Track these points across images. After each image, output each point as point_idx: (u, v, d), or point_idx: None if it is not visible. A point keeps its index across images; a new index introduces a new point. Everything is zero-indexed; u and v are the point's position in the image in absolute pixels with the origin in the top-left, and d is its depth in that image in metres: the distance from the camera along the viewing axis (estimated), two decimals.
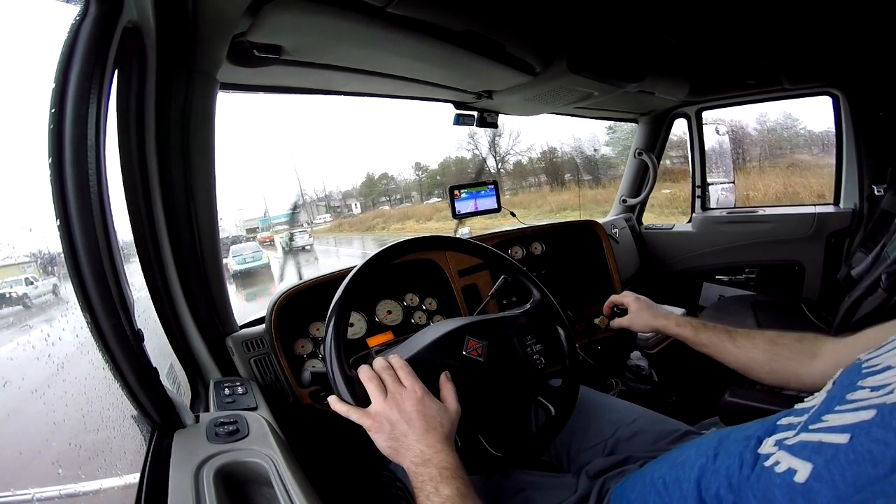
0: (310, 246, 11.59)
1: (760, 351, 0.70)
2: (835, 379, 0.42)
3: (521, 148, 14.21)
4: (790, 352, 0.67)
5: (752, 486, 0.37)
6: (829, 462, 0.32)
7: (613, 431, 0.77)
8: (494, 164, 13.83)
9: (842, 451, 0.32)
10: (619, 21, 1.13)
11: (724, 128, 2.13)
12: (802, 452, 0.35)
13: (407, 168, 19.78)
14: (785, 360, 0.68)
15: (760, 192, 5.47)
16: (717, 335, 0.76)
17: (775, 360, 0.69)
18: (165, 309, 0.88)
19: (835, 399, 0.37)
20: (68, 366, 0.66)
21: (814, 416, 0.38)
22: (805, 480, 0.32)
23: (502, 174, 13.51)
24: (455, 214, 1.43)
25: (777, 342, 0.69)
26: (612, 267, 1.53)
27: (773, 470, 0.36)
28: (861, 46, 1.43)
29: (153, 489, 0.52)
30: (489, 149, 12.77)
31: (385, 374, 0.62)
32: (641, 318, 0.87)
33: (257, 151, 33.11)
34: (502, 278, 0.92)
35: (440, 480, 0.51)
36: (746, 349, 0.72)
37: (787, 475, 0.34)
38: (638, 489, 0.53)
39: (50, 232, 0.51)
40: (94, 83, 0.52)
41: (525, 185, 13.88)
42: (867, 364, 0.38)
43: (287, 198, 22.25)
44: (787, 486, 0.33)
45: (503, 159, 14.23)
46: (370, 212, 18.15)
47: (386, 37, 0.89)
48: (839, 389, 0.38)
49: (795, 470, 0.34)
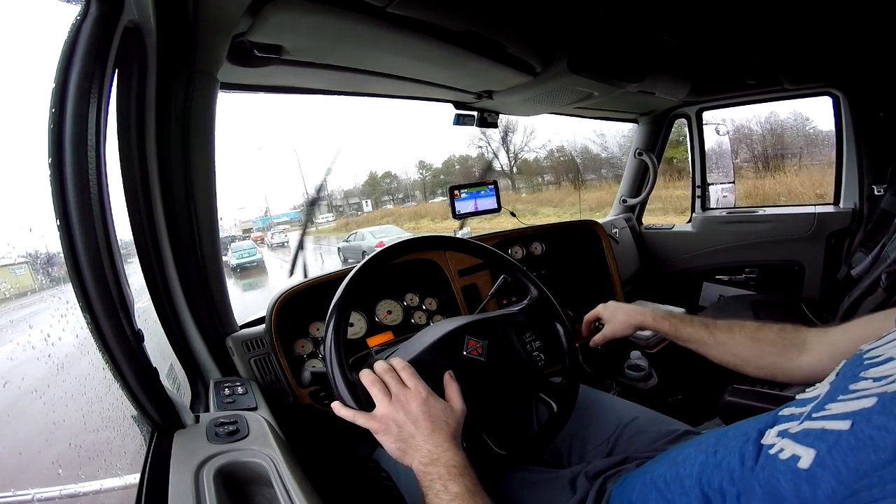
0: (286, 242, 15.40)
1: (742, 347, 0.69)
2: (838, 370, 0.42)
3: (536, 144, 14.10)
4: (773, 346, 0.67)
5: (757, 476, 0.37)
6: (831, 448, 0.32)
7: (613, 430, 0.77)
8: (507, 161, 13.73)
9: (843, 438, 0.32)
10: (620, 21, 1.13)
11: (725, 128, 2.13)
12: (806, 439, 0.35)
13: (410, 167, 19.75)
14: (769, 355, 0.67)
15: (808, 187, 5.79)
16: (696, 330, 0.74)
17: (759, 356, 0.68)
18: (165, 309, 0.88)
19: (838, 389, 0.37)
20: (68, 365, 0.66)
21: (817, 405, 0.38)
22: (808, 466, 0.32)
23: (514, 171, 13.41)
24: (455, 214, 1.43)
25: (758, 337, 0.68)
26: (612, 267, 1.53)
27: (777, 457, 0.36)
28: (861, 47, 1.43)
29: (153, 489, 0.52)
30: (501, 144, 12.69)
31: (387, 377, 0.62)
32: (617, 321, 0.84)
33: (258, 149, 33.11)
34: (502, 278, 0.92)
35: (449, 478, 0.51)
36: (728, 346, 0.71)
37: (790, 462, 0.34)
38: (638, 488, 0.53)
39: (49, 232, 0.51)
40: (95, 83, 0.52)
41: (543, 182, 13.72)
42: (868, 355, 0.38)
43: (287, 197, 22.38)
44: (792, 472, 0.33)
45: (517, 156, 14.16)
46: (377, 210, 18.11)
47: (386, 37, 0.89)
48: (842, 380, 0.39)
49: (799, 456, 0.34)
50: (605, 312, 0.87)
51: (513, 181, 15.42)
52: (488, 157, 14.25)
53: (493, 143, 13.11)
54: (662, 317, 0.80)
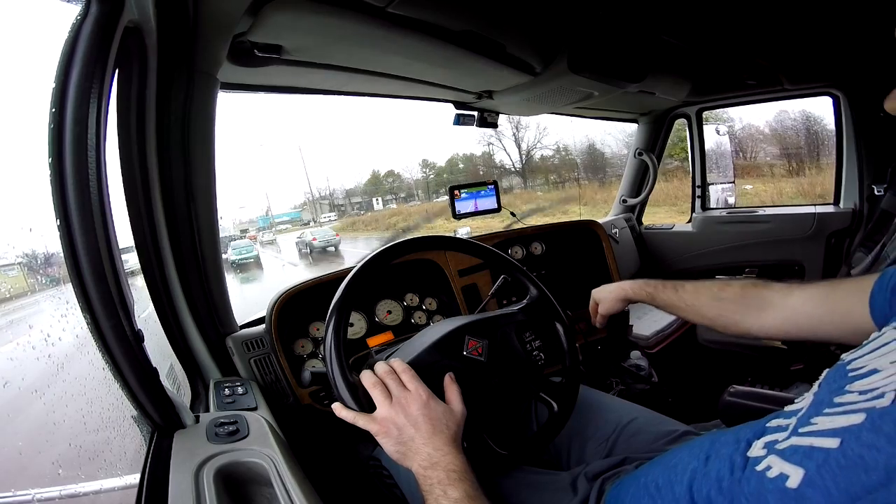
0: (274, 240, 18.08)
1: (707, 307, 0.72)
2: (820, 381, 0.41)
3: (549, 141, 13.96)
4: (735, 305, 0.69)
5: (743, 489, 0.37)
6: (820, 467, 0.31)
7: (612, 430, 0.77)
8: (519, 158, 13.58)
9: (832, 456, 0.31)
10: (620, 21, 1.13)
11: (724, 128, 2.13)
12: (794, 457, 0.34)
13: (414, 165, 19.69)
14: (731, 314, 0.69)
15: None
16: (668, 295, 0.77)
17: (723, 314, 0.70)
18: (165, 309, 0.88)
19: (822, 402, 0.37)
20: (68, 365, 0.66)
21: (802, 419, 0.37)
22: (797, 486, 0.32)
23: (526, 169, 13.26)
24: (455, 215, 1.43)
25: (721, 297, 0.71)
26: (612, 267, 1.53)
27: (764, 475, 0.35)
28: (861, 47, 1.43)
29: (153, 490, 0.52)
30: (513, 140, 12.57)
31: (388, 379, 0.62)
32: (608, 300, 0.88)
33: (260, 145, 33.02)
34: (502, 278, 0.92)
35: (448, 483, 0.51)
36: (695, 307, 0.74)
37: (778, 480, 0.34)
38: (631, 492, 0.53)
39: (48, 232, 0.51)
40: (95, 83, 0.52)
41: (559, 179, 13.56)
42: (852, 366, 0.38)
43: (289, 195, 22.99)
44: (780, 491, 0.33)
45: (529, 154, 14.06)
46: (385, 209, 18.05)
47: (386, 37, 0.89)
48: (825, 392, 0.38)
49: (787, 475, 0.33)
50: (597, 295, 0.92)
51: (525, 178, 15.28)
52: (495, 155, 14.21)
53: (505, 140, 13.05)
54: (640, 287, 0.82)
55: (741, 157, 8.65)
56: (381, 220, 16.96)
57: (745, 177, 7.27)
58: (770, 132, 8.72)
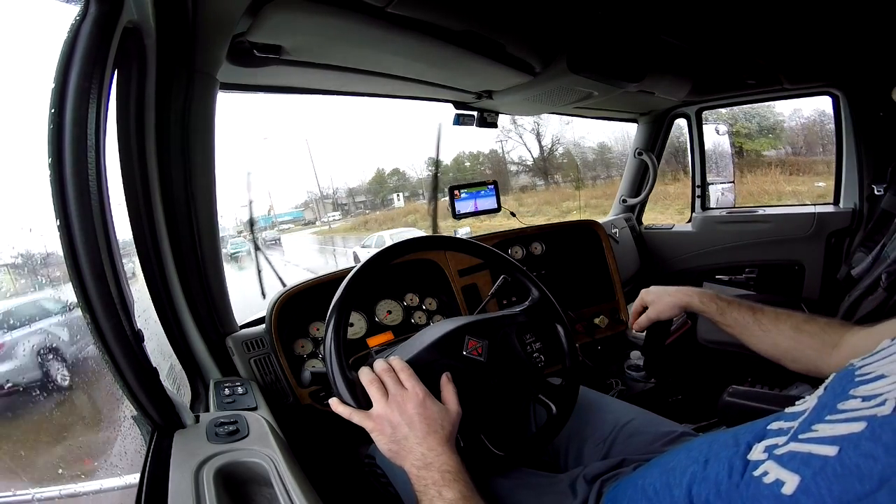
0: (278, 239, 18.03)
1: (785, 337, 0.67)
2: (826, 384, 0.41)
3: (570, 137, 13.61)
4: (813, 341, 0.65)
5: (742, 493, 0.37)
6: (816, 475, 0.31)
7: (610, 431, 0.77)
8: (540, 153, 13.24)
9: (829, 464, 0.31)
10: (619, 21, 1.13)
11: (724, 128, 2.13)
12: (791, 464, 0.34)
13: (419, 164, 19.43)
14: (807, 349, 0.65)
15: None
16: (742, 315, 0.72)
17: (798, 349, 0.66)
18: (165, 309, 0.88)
19: (826, 407, 0.36)
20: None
21: (803, 424, 0.37)
22: (793, 493, 0.32)
23: (547, 165, 12.91)
24: (455, 215, 1.43)
25: (802, 329, 0.66)
26: (612, 267, 1.53)
27: (761, 480, 0.35)
28: (861, 46, 1.43)
29: (153, 489, 0.52)
30: (535, 137, 12.31)
31: (386, 377, 0.61)
32: (663, 303, 0.81)
33: (264, 139, 32.91)
34: (502, 278, 0.92)
35: (443, 484, 0.51)
36: (772, 334, 0.68)
37: (774, 487, 0.34)
38: (629, 495, 0.53)
39: (44, 232, 0.51)
40: (94, 83, 0.52)
41: (588, 177, 13.11)
42: (860, 371, 0.37)
43: (293, 193, 22.71)
44: (775, 497, 0.33)
45: (551, 150, 13.77)
46: (400, 207, 17.69)
47: (386, 37, 0.89)
48: (830, 397, 0.38)
49: (783, 482, 0.33)
50: (648, 297, 0.84)
51: (546, 175, 14.68)
52: (512, 151, 13.83)
53: (526, 136, 12.80)
54: (710, 298, 0.76)
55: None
56: (397, 217, 16.70)
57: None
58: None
